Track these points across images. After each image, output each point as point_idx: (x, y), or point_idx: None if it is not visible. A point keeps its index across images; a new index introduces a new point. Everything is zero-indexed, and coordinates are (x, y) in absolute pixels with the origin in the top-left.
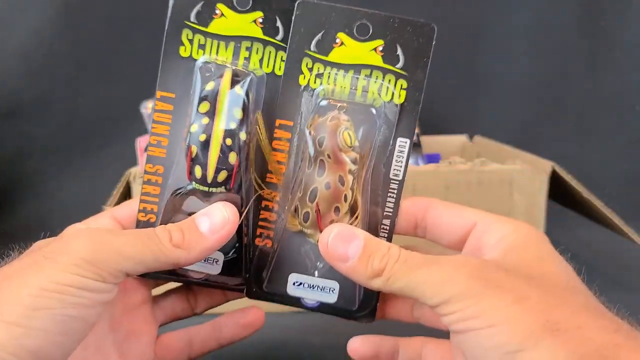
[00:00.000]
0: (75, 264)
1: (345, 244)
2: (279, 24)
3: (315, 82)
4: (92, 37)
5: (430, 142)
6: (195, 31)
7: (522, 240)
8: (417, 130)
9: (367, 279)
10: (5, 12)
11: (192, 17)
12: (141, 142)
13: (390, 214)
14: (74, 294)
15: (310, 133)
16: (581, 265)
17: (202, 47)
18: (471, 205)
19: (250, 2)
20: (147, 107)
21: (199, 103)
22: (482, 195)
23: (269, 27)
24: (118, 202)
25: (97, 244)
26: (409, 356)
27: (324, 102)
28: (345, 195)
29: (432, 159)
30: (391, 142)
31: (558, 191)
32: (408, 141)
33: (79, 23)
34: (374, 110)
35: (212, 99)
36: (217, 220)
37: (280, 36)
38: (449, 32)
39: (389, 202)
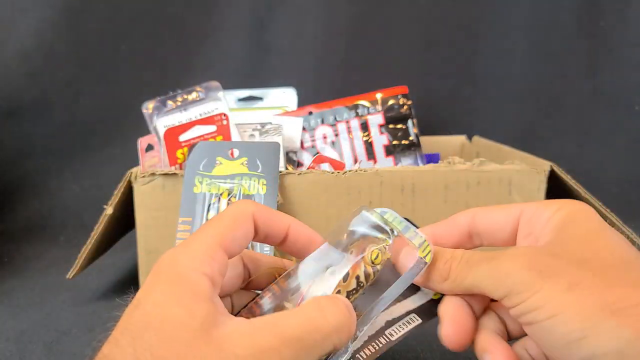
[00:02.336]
0: None
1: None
2: (258, 162)
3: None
4: (93, 38)
5: (430, 142)
6: (203, 176)
7: (568, 219)
8: (416, 131)
9: (438, 283)
10: (6, 12)
11: (201, 167)
12: (142, 142)
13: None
14: None
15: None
16: None
17: (208, 185)
18: (470, 205)
19: (238, 152)
20: (148, 108)
21: None
22: (481, 195)
23: (251, 165)
24: (119, 202)
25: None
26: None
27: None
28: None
29: (432, 158)
30: None
31: (556, 191)
32: None
33: (80, 24)
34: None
35: None
36: (335, 312)
37: (260, 170)
38: (448, 33)
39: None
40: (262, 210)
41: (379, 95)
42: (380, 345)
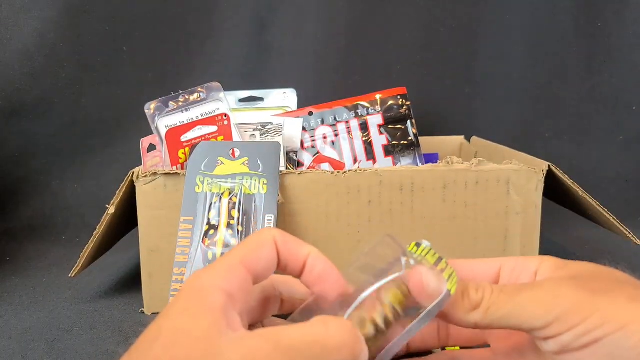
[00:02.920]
0: None
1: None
2: (259, 162)
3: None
4: (95, 38)
5: (429, 143)
6: (204, 175)
7: (558, 265)
8: (415, 131)
9: (465, 312)
10: (8, 13)
11: (202, 167)
12: (144, 142)
13: None
14: None
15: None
16: None
17: (209, 184)
18: (468, 204)
19: (239, 152)
20: (150, 108)
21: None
22: (480, 194)
23: (252, 165)
24: (121, 202)
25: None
26: None
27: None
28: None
29: (431, 158)
30: None
31: (554, 190)
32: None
33: (82, 24)
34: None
35: None
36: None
37: (260, 169)
38: (447, 34)
39: None
40: (284, 236)
41: (378, 96)
42: None
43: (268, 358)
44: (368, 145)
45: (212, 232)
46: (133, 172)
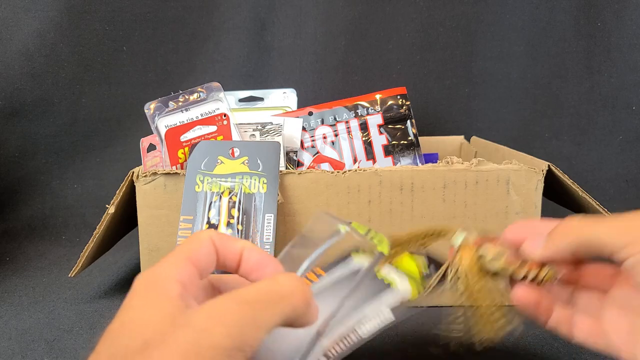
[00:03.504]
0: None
1: (536, 240)
2: (259, 162)
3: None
4: (95, 38)
5: (428, 142)
6: (204, 174)
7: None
8: (414, 131)
9: (558, 245)
10: (8, 13)
11: (202, 166)
12: (144, 142)
13: None
14: None
15: None
16: None
17: (209, 183)
18: (468, 203)
19: (239, 151)
20: (150, 108)
21: None
22: (479, 194)
23: (252, 165)
24: (121, 202)
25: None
26: (561, 316)
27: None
28: None
29: (430, 158)
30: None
31: (553, 190)
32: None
33: (82, 24)
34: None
35: None
36: None
37: (260, 169)
38: (446, 34)
39: None
40: (219, 235)
41: (378, 96)
42: (351, 342)
43: (234, 312)
44: (368, 145)
45: None
46: (133, 172)
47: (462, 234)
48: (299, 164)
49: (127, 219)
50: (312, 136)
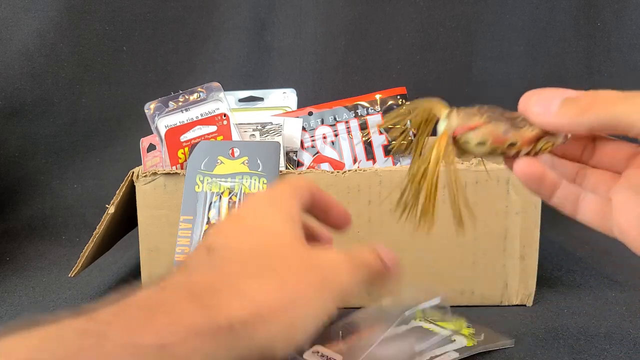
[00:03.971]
0: None
1: (548, 100)
2: (259, 162)
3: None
4: (95, 38)
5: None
6: (204, 175)
7: None
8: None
9: (575, 116)
10: (8, 13)
11: (202, 166)
12: (144, 142)
13: None
14: None
15: None
16: (576, 263)
17: (209, 183)
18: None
19: (239, 151)
20: (149, 108)
21: None
22: (480, 194)
23: (252, 165)
24: (121, 202)
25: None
26: (567, 193)
27: None
28: None
29: None
30: None
31: None
32: None
33: (82, 24)
34: None
35: None
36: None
37: (260, 169)
38: (446, 34)
39: None
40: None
41: (378, 96)
42: None
43: (343, 266)
44: (368, 145)
45: None
46: (133, 172)
47: (444, 121)
48: (299, 164)
49: (127, 219)
50: (312, 136)
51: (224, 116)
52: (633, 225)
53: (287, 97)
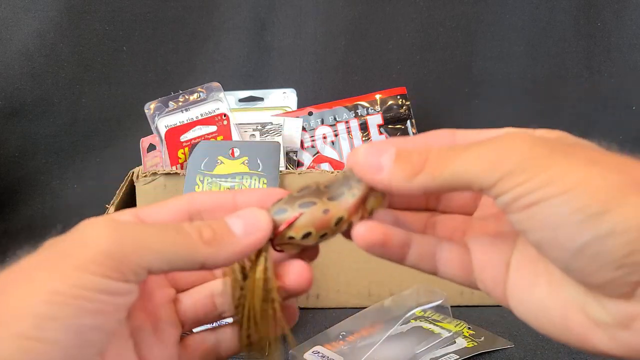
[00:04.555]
0: (93, 260)
1: (377, 155)
2: (259, 162)
3: None
4: (95, 38)
5: None
6: (204, 175)
7: (524, 130)
8: (414, 131)
9: (407, 179)
10: (8, 13)
11: (202, 167)
12: (144, 142)
13: None
14: (92, 299)
15: None
16: None
17: (209, 184)
18: None
19: (239, 151)
20: (150, 108)
21: None
22: None
23: (252, 165)
24: (121, 202)
25: (119, 236)
26: (421, 251)
27: None
28: None
29: None
30: None
31: None
32: None
33: (82, 24)
34: None
35: None
36: (250, 221)
37: (260, 169)
38: (446, 34)
39: None
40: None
41: (378, 96)
42: None
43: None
44: None
45: None
46: (133, 172)
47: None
48: (299, 164)
49: None
50: (312, 136)
51: (224, 116)
52: (498, 282)
53: (287, 97)
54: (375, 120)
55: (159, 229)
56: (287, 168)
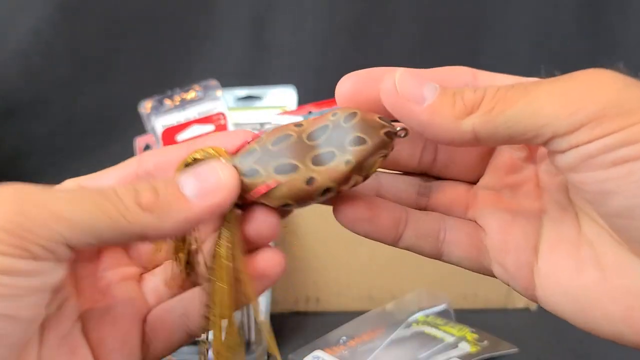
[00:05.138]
0: None
1: (417, 84)
2: None
3: None
4: (91, 37)
5: None
6: None
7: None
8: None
9: (456, 118)
10: (3, 11)
11: None
12: (140, 142)
13: None
14: None
15: None
16: None
17: None
18: None
19: None
20: (145, 107)
21: None
22: None
23: None
24: None
25: (23, 205)
26: (421, 229)
27: None
28: None
29: None
30: None
31: None
32: None
33: (78, 22)
34: None
35: None
36: (208, 181)
37: None
38: (449, 32)
39: None
40: None
41: None
42: None
43: None
44: None
45: None
46: None
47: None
48: None
49: None
50: None
51: (222, 115)
52: (523, 267)
53: (286, 95)
54: None
55: (79, 194)
56: None
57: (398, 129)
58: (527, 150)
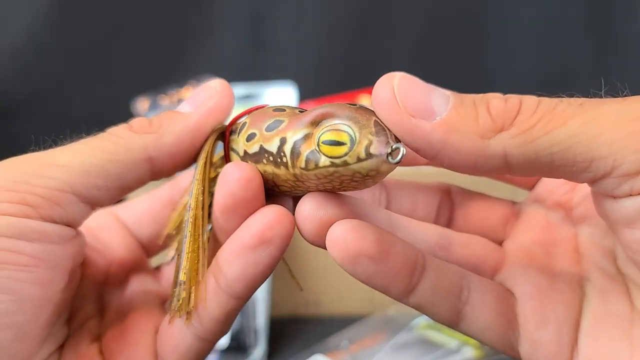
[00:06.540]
0: None
1: (424, 92)
2: None
3: None
4: (85, 35)
5: None
6: None
7: None
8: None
9: (478, 137)
10: None
11: None
12: None
13: None
14: None
15: None
16: None
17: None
18: None
19: None
20: (141, 105)
21: None
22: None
23: None
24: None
25: (16, 162)
26: (441, 281)
27: None
28: None
29: None
30: None
31: None
32: None
33: (71, 21)
34: None
35: None
36: (201, 93)
37: None
38: (454, 31)
39: None
40: None
41: None
42: None
43: None
44: None
45: None
46: None
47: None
48: None
49: None
50: None
51: None
52: (563, 347)
53: (286, 92)
54: None
55: (69, 146)
56: None
57: (392, 148)
58: (564, 211)
